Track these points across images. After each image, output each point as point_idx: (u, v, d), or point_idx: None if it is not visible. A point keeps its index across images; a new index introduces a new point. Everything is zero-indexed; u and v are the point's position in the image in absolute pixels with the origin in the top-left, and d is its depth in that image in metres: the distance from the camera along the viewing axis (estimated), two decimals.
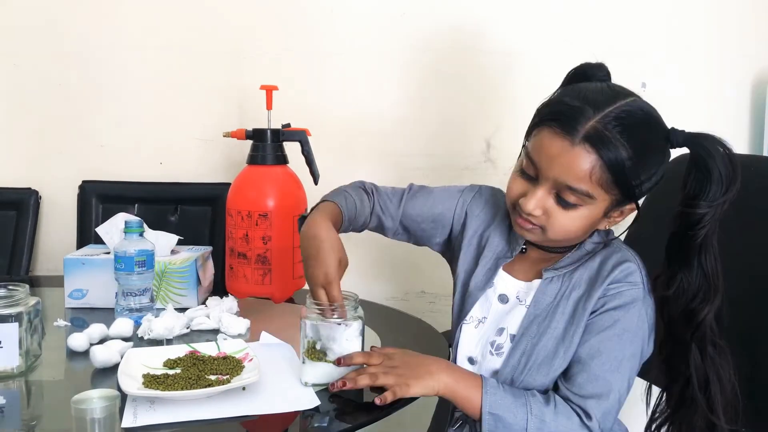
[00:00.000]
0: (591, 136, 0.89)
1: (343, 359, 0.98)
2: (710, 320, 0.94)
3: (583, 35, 1.71)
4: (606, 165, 0.89)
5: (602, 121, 0.89)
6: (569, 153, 0.90)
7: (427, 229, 1.16)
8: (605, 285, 0.97)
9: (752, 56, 1.77)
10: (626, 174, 0.90)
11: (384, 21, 1.74)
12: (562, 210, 0.94)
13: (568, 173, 0.91)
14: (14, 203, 1.79)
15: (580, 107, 0.91)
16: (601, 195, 0.92)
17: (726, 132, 1.64)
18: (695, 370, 0.95)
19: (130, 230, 1.24)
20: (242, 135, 1.46)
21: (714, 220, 0.91)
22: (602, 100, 0.91)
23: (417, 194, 1.17)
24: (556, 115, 0.92)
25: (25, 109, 1.83)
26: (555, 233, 0.96)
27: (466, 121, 1.75)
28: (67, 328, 1.25)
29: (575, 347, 0.96)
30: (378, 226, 1.18)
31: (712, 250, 0.93)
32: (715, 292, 0.93)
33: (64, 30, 1.79)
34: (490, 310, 1.06)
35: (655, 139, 0.94)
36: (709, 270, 0.93)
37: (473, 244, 1.11)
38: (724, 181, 0.90)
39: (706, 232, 0.91)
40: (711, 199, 0.90)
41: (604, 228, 1.00)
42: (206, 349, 1.09)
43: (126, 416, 0.87)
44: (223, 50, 1.77)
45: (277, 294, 1.40)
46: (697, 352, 0.95)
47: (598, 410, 0.93)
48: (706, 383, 0.95)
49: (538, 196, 0.95)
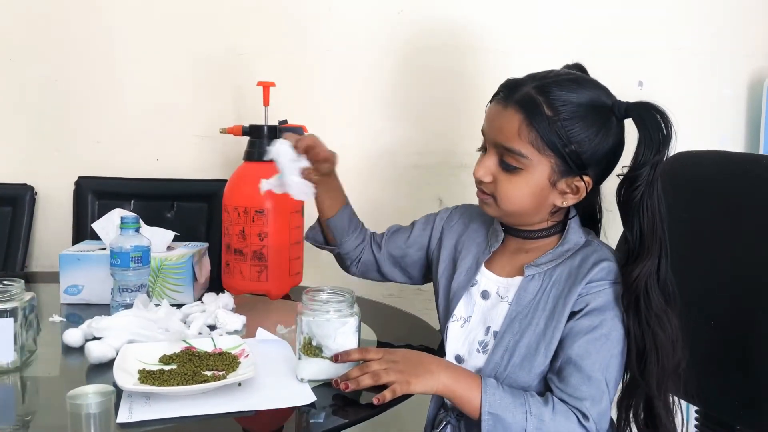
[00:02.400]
0: (519, 99, 0.97)
1: (340, 356, 0.98)
2: (642, 284, 0.95)
3: (580, 34, 1.71)
4: (531, 124, 0.95)
5: (535, 88, 0.97)
6: (501, 115, 0.99)
7: (412, 254, 1.22)
8: (585, 283, 0.98)
9: (749, 55, 1.77)
10: (552, 133, 0.95)
11: (381, 18, 1.74)
12: (507, 175, 0.99)
13: (501, 134, 0.98)
14: (10, 199, 1.78)
15: (522, 80, 1.00)
16: (536, 156, 0.97)
17: (723, 131, 1.65)
18: (633, 338, 0.96)
19: (125, 226, 1.23)
20: (239, 131, 1.45)
21: (648, 182, 0.95)
22: (544, 74, 0.99)
23: (398, 230, 1.25)
24: (501, 88, 1.02)
25: (21, 105, 1.82)
26: (504, 201, 1.01)
27: (462, 119, 1.75)
28: (62, 324, 1.25)
29: (555, 344, 0.97)
30: (368, 260, 1.24)
31: (648, 211, 0.96)
32: (648, 253, 0.95)
33: (60, 25, 1.78)
34: (474, 308, 1.07)
35: (585, 104, 0.97)
36: (646, 231, 0.96)
37: (451, 253, 1.15)
38: (654, 143, 0.94)
39: (641, 193, 0.95)
40: (643, 161, 0.95)
41: (561, 204, 1.01)
42: (202, 345, 1.09)
43: (121, 412, 0.87)
44: (220, 46, 1.76)
45: (274, 291, 1.40)
46: (634, 318, 0.96)
47: (594, 411, 0.94)
48: (643, 351, 0.95)
49: (485, 163, 1.02)
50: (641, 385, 0.96)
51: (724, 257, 1.09)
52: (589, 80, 1.01)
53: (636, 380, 0.97)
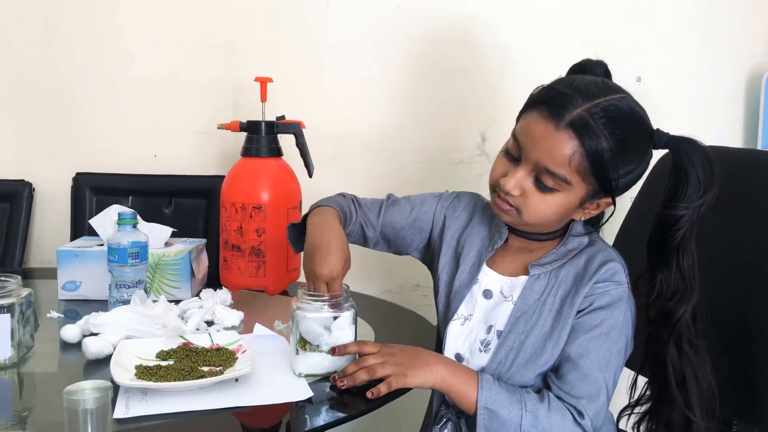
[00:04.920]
0: (575, 123, 0.91)
1: (337, 349, 0.98)
2: (687, 320, 0.95)
3: (579, 29, 1.71)
4: (586, 153, 0.91)
5: (589, 111, 0.91)
6: (552, 136, 0.92)
7: (407, 237, 1.17)
8: (592, 283, 0.98)
9: (747, 51, 1.77)
10: (605, 165, 0.92)
11: (379, 13, 1.73)
12: (539, 193, 0.96)
13: (549, 156, 0.93)
14: (8, 195, 1.78)
15: (569, 94, 0.93)
16: (579, 183, 0.94)
17: (721, 126, 1.65)
18: (673, 369, 0.96)
19: (123, 222, 1.23)
20: (236, 127, 1.45)
21: (691, 222, 0.93)
22: (592, 91, 0.93)
23: (395, 203, 1.18)
24: (545, 99, 0.95)
25: (19, 101, 1.82)
26: (530, 216, 0.98)
27: (461, 115, 1.75)
28: (60, 320, 1.25)
29: (562, 344, 0.97)
30: (360, 237, 1.18)
31: (689, 251, 0.95)
32: (691, 292, 0.95)
33: (57, 21, 1.78)
34: (476, 306, 1.06)
35: (638, 137, 0.95)
36: (686, 271, 0.95)
37: (453, 246, 1.13)
38: (702, 184, 0.92)
39: (683, 234, 0.93)
40: (688, 202, 0.92)
41: (579, 219, 1.01)
42: (199, 340, 1.09)
43: (118, 407, 0.87)
44: (218, 42, 1.76)
45: (271, 286, 1.40)
46: (674, 350, 0.96)
47: (590, 409, 0.94)
48: (683, 381, 0.96)
49: (517, 177, 0.96)
50: (683, 408, 0.96)
51: (720, 253, 1.09)
52: (633, 101, 0.96)
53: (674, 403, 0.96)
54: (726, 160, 1.15)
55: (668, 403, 0.98)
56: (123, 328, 1.10)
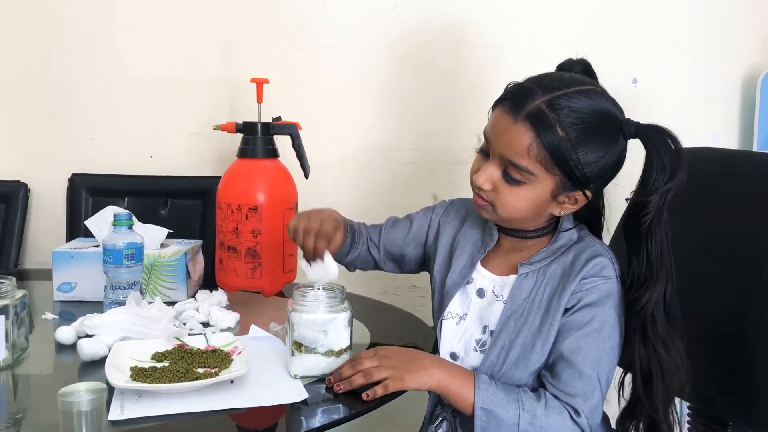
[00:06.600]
0: (531, 115, 0.93)
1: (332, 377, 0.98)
2: (650, 310, 0.95)
3: (575, 30, 1.71)
4: (542, 143, 0.93)
5: (547, 102, 0.93)
6: (511, 129, 0.94)
7: (410, 252, 1.20)
8: (578, 279, 0.98)
9: (743, 51, 1.77)
10: (563, 155, 0.93)
11: (376, 13, 1.73)
12: (509, 186, 0.97)
13: (510, 148, 0.95)
14: (3, 196, 1.78)
15: (531, 89, 0.95)
16: (543, 174, 0.95)
17: (717, 126, 1.66)
18: (639, 362, 0.96)
19: (118, 223, 1.23)
20: (232, 128, 1.45)
21: (658, 208, 0.93)
22: (555, 85, 0.95)
23: (396, 223, 1.22)
24: (509, 95, 0.97)
25: (15, 102, 1.81)
26: (503, 210, 0.99)
27: (457, 115, 1.75)
28: (55, 321, 1.25)
29: (551, 341, 0.97)
30: (368, 258, 1.21)
31: (657, 239, 0.95)
32: (656, 280, 0.95)
33: (54, 22, 1.78)
34: (470, 305, 1.07)
35: (601, 126, 0.95)
36: (654, 258, 0.95)
37: (447, 249, 1.14)
38: (667, 170, 0.92)
39: (650, 220, 0.94)
40: (653, 188, 0.93)
41: (558, 214, 1.01)
42: (195, 342, 1.08)
43: (113, 409, 0.87)
44: (214, 43, 1.76)
45: (267, 288, 1.40)
46: (641, 343, 0.96)
47: (585, 407, 0.94)
48: (650, 377, 0.96)
49: (488, 171, 0.98)
50: (646, 406, 0.96)
51: (716, 254, 1.10)
52: (600, 93, 0.97)
53: (641, 401, 0.97)
54: (721, 161, 1.16)
55: (637, 401, 0.98)
56: (118, 329, 1.10)
